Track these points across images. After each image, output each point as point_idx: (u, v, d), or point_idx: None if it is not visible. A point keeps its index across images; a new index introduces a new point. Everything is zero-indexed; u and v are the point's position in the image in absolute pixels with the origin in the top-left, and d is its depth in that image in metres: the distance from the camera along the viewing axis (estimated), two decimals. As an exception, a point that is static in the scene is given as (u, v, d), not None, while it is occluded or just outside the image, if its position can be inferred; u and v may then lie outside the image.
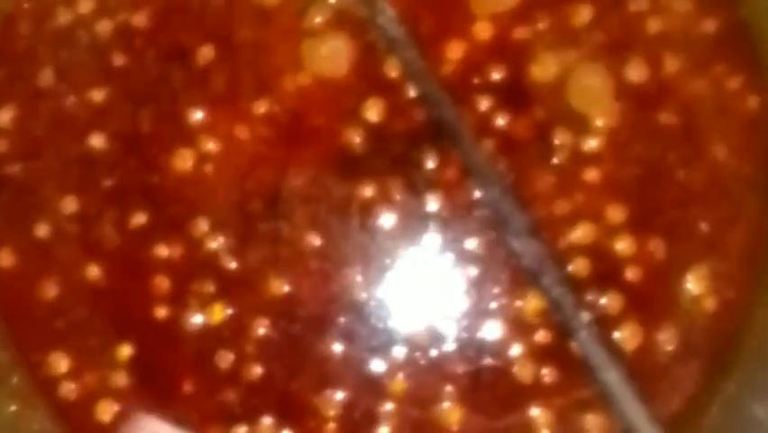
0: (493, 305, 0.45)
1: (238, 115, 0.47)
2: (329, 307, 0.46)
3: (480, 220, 0.46)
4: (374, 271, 0.46)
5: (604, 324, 0.44)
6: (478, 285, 0.46)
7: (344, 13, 0.48)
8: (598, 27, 0.47)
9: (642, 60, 0.47)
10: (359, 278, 0.46)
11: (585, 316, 0.44)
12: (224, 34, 0.48)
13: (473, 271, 0.46)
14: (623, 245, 0.45)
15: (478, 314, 0.45)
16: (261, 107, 0.47)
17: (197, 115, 0.47)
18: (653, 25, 0.47)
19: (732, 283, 0.45)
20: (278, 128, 0.47)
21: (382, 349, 0.46)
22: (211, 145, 0.47)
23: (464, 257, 0.46)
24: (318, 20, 0.48)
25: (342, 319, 0.46)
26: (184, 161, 0.47)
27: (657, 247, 0.45)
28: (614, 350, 0.43)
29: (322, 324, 0.46)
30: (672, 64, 0.47)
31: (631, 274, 0.45)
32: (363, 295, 0.46)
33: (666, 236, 0.45)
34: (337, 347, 0.45)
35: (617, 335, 0.44)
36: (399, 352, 0.45)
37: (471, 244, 0.46)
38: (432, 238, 0.46)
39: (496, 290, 0.45)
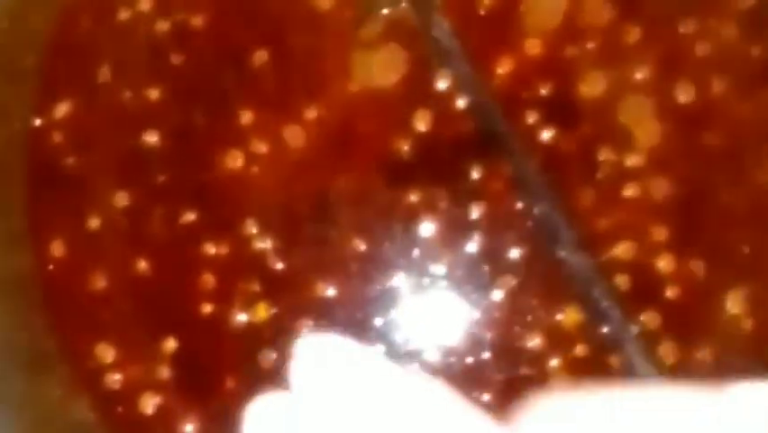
0: (531, 316, 0.46)
1: (288, 119, 0.48)
2: (369, 310, 0.47)
3: (522, 232, 0.46)
4: (415, 277, 0.47)
5: (642, 340, 0.45)
6: (517, 296, 0.46)
7: (398, 25, 0.48)
8: (647, 47, 0.48)
9: (689, 82, 0.47)
10: (400, 283, 0.47)
11: (634, 329, 0.44)
12: (278, 39, 0.49)
13: (513, 281, 0.46)
14: (664, 264, 0.46)
15: (515, 324, 0.46)
16: (311, 112, 0.48)
17: (249, 117, 0.48)
18: (701, 48, 0.47)
19: (771, 306, 0.46)
20: (327, 133, 0.48)
21: (419, 354, 0.46)
22: (261, 147, 0.48)
23: (505, 267, 0.46)
24: (372, 30, 0.48)
25: (381, 323, 0.46)
26: (234, 161, 0.48)
27: (698, 267, 0.46)
28: (657, 364, 0.44)
29: (361, 327, 0.46)
30: (718, 87, 0.47)
31: (671, 293, 0.45)
32: (403, 300, 0.47)
33: (707, 257, 0.46)
34: (377, 350, 0.46)
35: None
36: (436, 357, 0.46)
37: (513, 254, 0.46)
38: (473, 247, 0.47)
39: (534, 302, 0.46)
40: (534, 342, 0.46)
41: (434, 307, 0.47)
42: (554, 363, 0.45)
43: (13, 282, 0.48)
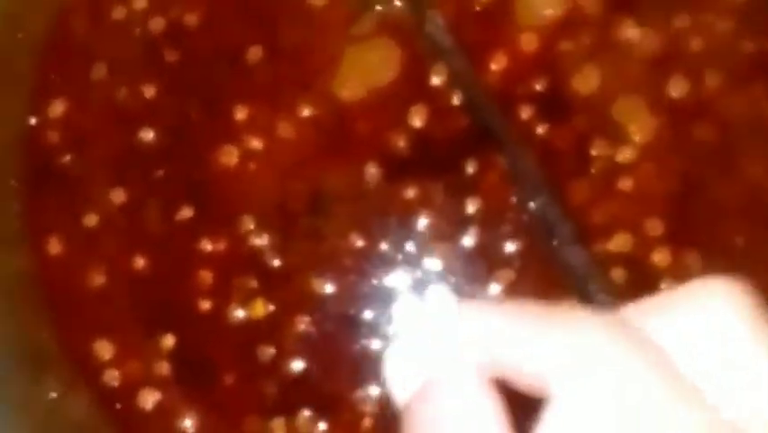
0: (527, 310, 0.46)
1: (283, 115, 0.48)
2: (366, 305, 0.47)
3: (518, 226, 0.47)
4: (411, 272, 0.47)
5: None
6: (513, 289, 0.46)
7: (392, 21, 0.48)
8: (642, 42, 0.48)
9: (682, 76, 0.47)
10: (396, 278, 0.47)
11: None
12: (272, 35, 0.49)
13: (510, 274, 0.46)
14: (659, 257, 0.46)
15: (511, 318, 0.46)
16: (307, 109, 0.48)
17: (244, 114, 0.48)
18: (696, 43, 0.48)
19: (765, 296, 0.46)
20: (322, 130, 0.48)
21: (416, 349, 0.46)
22: (256, 143, 0.48)
23: (501, 261, 0.47)
24: (366, 26, 0.48)
25: (378, 317, 0.47)
26: (230, 157, 0.48)
27: (693, 261, 0.46)
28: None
29: (358, 321, 0.47)
30: (711, 81, 0.47)
31: (666, 286, 0.45)
32: (400, 294, 0.47)
33: (702, 250, 0.46)
34: (373, 345, 0.46)
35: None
36: (432, 352, 0.46)
37: (509, 248, 0.47)
38: (469, 241, 0.47)
39: (531, 296, 0.46)
40: (530, 335, 0.46)
41: (431, 301, 0.47)
42: (550, 356, 0.46)
43: (11, 281, 0.48)
